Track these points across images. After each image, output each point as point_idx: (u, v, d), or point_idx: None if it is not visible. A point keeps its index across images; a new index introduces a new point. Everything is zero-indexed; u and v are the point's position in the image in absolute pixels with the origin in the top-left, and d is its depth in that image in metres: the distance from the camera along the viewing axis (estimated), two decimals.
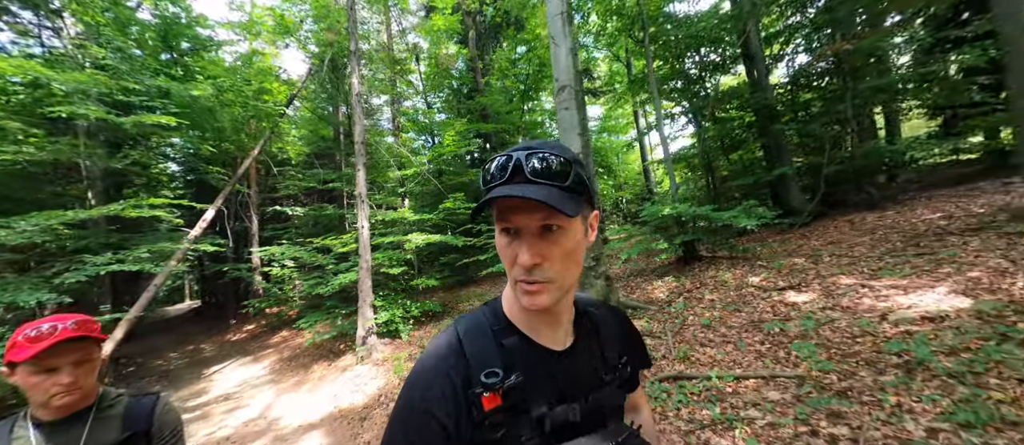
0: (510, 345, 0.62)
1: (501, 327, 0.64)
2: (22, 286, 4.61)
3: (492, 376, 0.57)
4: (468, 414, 0.57)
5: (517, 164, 0.57)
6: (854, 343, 2.65)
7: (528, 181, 0.57)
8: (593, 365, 0.69)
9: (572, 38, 4.59)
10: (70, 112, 6.20)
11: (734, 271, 4.88)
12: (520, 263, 0.56)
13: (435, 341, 0.65)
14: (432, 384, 0.58)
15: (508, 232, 0.58)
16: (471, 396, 0.57)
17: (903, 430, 1.84)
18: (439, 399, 0.56)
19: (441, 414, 0.56)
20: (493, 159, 0.60)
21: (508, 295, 0.67)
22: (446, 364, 0.60)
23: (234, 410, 5.82)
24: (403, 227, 7.38)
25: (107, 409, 1.08)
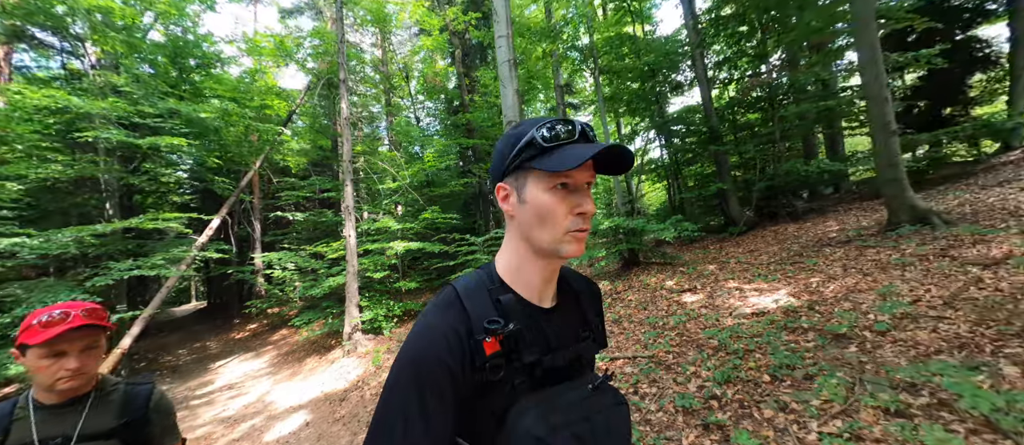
0: (506, 301, 0.67)
1: (496, 286, 0.71)
2: (59, 288, 5.53)
3: (494, 323, 0.63)
4: (471, 360, 0.62)
5: (582, 129, 0.67)
6: (699, 332, 3.49)
7: (593, 141, 0.68)
8: (573, 323, 0.77)
9: (518, 81, 5.45)
10: (95, 136, 7.13)
11: (659, 276, 5.72)
12: (587, 211, 0.66)
13: (434, 301, 0.70)
14: (437, 333, 0.62)
15: (564, 187, 0.65)
16: (473, 343, 0.62)
17: (687, 388, 2.68)
18: (444, 346, 0.61)
19: (448, 359, 0.60)
20: (545, 124, 0.66)
21: (505, 259, 0.74)
22: (449, 316, 0.65)
23: (236, 397, 6.70)
24: (387, 235, 8.27)
25: (105, 396, 1.13)
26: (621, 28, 11.02)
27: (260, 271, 13.01)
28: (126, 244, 8.48)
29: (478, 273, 0.74)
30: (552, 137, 0.65)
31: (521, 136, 0.67)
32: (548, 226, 0.65)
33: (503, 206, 0.71)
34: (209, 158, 11.02)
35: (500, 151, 0.71)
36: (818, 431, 1.92)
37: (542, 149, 0.64)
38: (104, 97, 8.07)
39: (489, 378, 0.62)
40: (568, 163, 0.60)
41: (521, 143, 0.66)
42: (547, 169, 0.63)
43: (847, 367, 2.32)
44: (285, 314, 12.33)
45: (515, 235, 0.72)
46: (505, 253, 0.74)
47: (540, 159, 0.64)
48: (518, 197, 0.68)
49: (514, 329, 0.64)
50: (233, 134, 10.08)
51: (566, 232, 0.65)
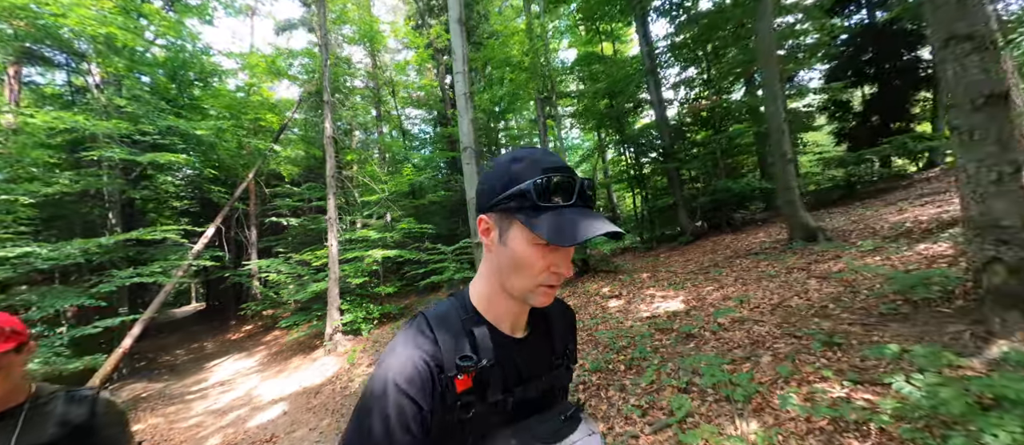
0: (479, 333, 0.67)
1: (469, 317, 0.69)
2: (69, 293, 6.25)
3: (467, 360, 0.62)
4: (441, 397, 0.61)
5: (581, 188, 0.63)
6: (605, 332, 4.21)
7: (588, 205, 0.65)
8: (546, 351, 0.77)
9: (473, 111, 6.19)
10: (100, 154, 7.87)
11: (600, 283, 6.43)
12: (563, 273, 0.65)
13: (406, 330, 0.68)
14: (407, 367, 0.60)
15: (547, 243, 0.61)
16: (444, 379, 0.61)
17: (576, 375, 3.40)
18: (415, 381, 0.59)
19: (417, 396, 0.59)
20: (542, 176, 0.62)
21: (478, 289, 0.73)
22: (420, 350, 0.63)
23: (226, 392, 7.41)
24: (367, 244, 9.00)
25: (40, 407, 1.08)
26: (594, 47, 11.79)
27: (255, 275, 13.74)
28: (127, 252, 9.20)
29: (450, 301, 0.73)
30: (547, 194, 0.61)
31: (516, 180, 0.63)
32: (522, 276, 0.64)
33: (482, 238, 0.70)
34: (205, 169, 11.76)
35: (490, 184, 0.67)
36: (634, 404, 2.63)
37: (534, 205, 0.61)
38: (108, 117, 8.81)
39: (460, 415, 0.61)
40: (557, 239, 0.58)
41: (513, 189, 0.63)
42: (534, 231, 0.60)
43: (677, 357, 3.04)
44: (278, 316, 13.06)
45: (490, 268, 0.70)
46: (479, 283, 0.73)
47: (530, 217, 0.61)
48: (499, 237, 0.66)
49: (486, 366, 0.64)
50: (227, 149, 10.81)
51: (538, 285, 0.64)
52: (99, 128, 8.09)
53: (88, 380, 6.71)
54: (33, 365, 5.93)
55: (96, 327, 6.06)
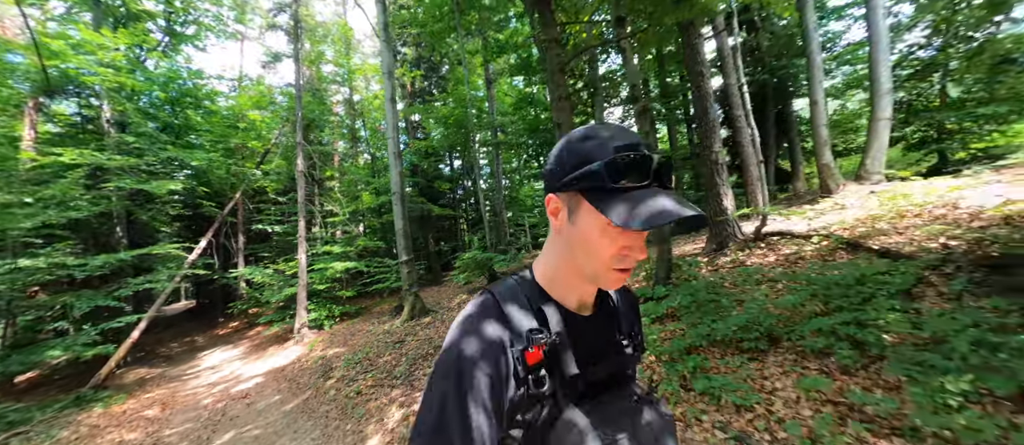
0: (547, 310, 0.66)
1: (535, 294, 0.69)
2: (97, 296, 8.34)
3: (537, 333, 0.62)
4: (514, 370, 0.60)
5: (659, 167, 0.60)
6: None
7: (665, 185, 0.61)
8: (613, 333, 0.76)
9: (401, 166, 8.40)
10: (115, 185, 9.93)
11: None
12: (638, 256, 0.62)
13: (472, 306, 0.68)
14: (479, 344, 0.60)
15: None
16: (515, 353, 0.61)
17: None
18: (489, 355, 0.59)
19: (491, 369, 0.58)
20: (618, 155, 0.58)
21: (545, 267, 0.72)
22: (490, 324, 0.63)
23: (215, 373, 9.53)
24: (330, 257, 11.18)
25: None
26: (523, 90, 14.09)
27: (242, 277, 15.79)
28: (133, 261, 11.24)
29: (516, 278, 0.73)
30: (620, 174, 0.57)
31: (587, 159, 0.60)
32: (592, 259, 0.63)
33: (550, 217, 0.67)
34: (198, 188, 13.82)
35: (559, 163, 0.64)
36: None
37: (605, 187, 0.58)
38: (119, 151, 10.84)
39: (533, 390, 0.60)
40: (628, 224, 0.54)
41: (583, 170, 0.59)
42: (605, 215, 0.57)
43: None
44: (261, 313, 15.12)
45: (558, 247, 0.69)
46: (545, 261, 0.72)
47: (601, 199, 0.58)
48: (569, 217, 0.64)
49: (556, 339, 0.63)
50: (218, 175, 12.91)
51: (610, 269, 0.63)
52: (113, 163, 10.16)
53: (103, 365, 8.74)
54: (58, 351, 8.01)
55: (119, 321, 8.17)
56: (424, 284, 13.59)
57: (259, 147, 14.92)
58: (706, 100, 5.43)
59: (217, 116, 14.51)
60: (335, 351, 8.00)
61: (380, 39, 8.46)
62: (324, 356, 7.95)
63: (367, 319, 10.30)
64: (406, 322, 7.92)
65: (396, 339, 7.15)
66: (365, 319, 10.42)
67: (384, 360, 6.14)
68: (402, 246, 8.18)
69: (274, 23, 18.16)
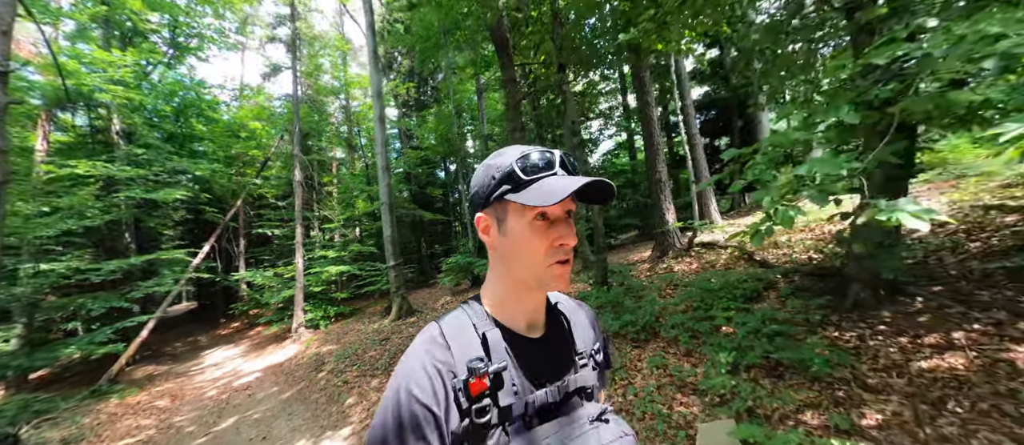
0: (491, 336, 0.66)
1: (482, 320, 0.69)
2: (111, 298, 9.11)
3: (478, 362, 0.60)
4: (456, 401, 0.60)
5: (561, 160, 0.66)
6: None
7: (572, 174, 0.66)
8: (566, 351, 0.75)
9: (389, 178, 9.16)
10: (126, 195, 10.71)
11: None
12: (569, 243, 0.64)
13: (418, 338, 0.68)
14: (419, 376, 0.60)
15: (543, 217, 0.64)
16: (457, 383, 0.60)
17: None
18: (426, 388, 0.59)
19: (429, 401, 0.59)
20: (522, 156, 0.65)
21: (490, 291, 0.73)
22: (431, 356, 0.63)
23: (218, 369, 10.29)
24: (325, 261, 11.95)
25: None
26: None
27: (243, 280, 16.56)
28: (142, 265, 12.02)
29: (462, 307, 0.73)
30: (530, 169, 0.63)
31: (499, 167, 0.65)
32: (529, 260, 0.65)
33: (483, 238, 0.70)
34: (201, 195, 14.61)
35: (479, 181, 0.69)
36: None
37: (520, 181, 0.63)
38: (128, 162, 11.61)
39: (476, 421, 0.59)
40: (546, 199, 0.58)
41: (499, 175, 0.65)
42: (525, 203, 0.61)
43: None
44: (262, 315, 15.89)
45: (498, 267, 0.71)
46: (490, 285, 0.73)
47: (518, 192, 0.63)
48: (498, 229, 0.67)
49: (499, 367, 0.62)
50: (220, 184, 13.70)
51: (548, 266, 0.65)
52: (124, 174, 10.94)
53: (112, 363, 9.49)
54: (74, 349, 8.77)
55: (131, 321, 8.95)
56: (415, 286, 14.37)
57: (259, 155, 15.70)
58: (651, 125, 6.19)
59: (219, 126, 15.33)
60: (328, 348, 8.76)
61: (369, 64, 9.22)
62: (318, 353, 8.72)
63: (360, 319, 11.06)
64: (393, 322, 8.68)
65: (383, 337, 7.91)
66: (358, 319, 11.18)
67: (370, 355, 6.90)
68: (390, 252, 8.95)
69: (274, 36, 18.95)
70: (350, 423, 4.44)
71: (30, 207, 8.73)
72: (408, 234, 16.39)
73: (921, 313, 2.52)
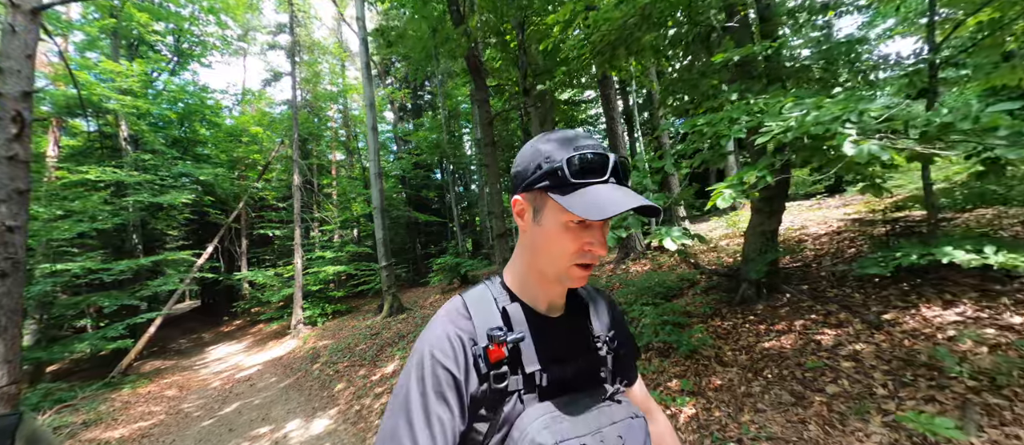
0: (512, 310, 0.69)
1: (503, 296, 0.72)
2: (122, 296, 9.77)
3: (498, 330, 0.64)
4: (475, 367, 0.63)
5: (615, 166, 0.64)
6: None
7: (621, 182, 0.65)
8: (583, 333, 0.78)
9: (381, 183, 9.78)
10: (134, 201, 11.36)
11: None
12: (599, 252, 0.65)
13: (442, 309, 0.71)
14: (442, 342, 0.64)
15: (581, 222, 0.63)
16: (477, 350, 0.64)
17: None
18: (448, 352, 0.63)
19: (450, 364, 0.62)
20: (575, 153, 0.63)
21: (513, 271, 0.75)
22: (454, 324, 0.66)
23: (222, 362, 10.95)
24: (322, 262, 12.60)
25: None
26: None
27: (245, 279, 17.23)
28: (150, 265, 12.68)
29: (486, 282, 0.76)
30: (580, 171, 0.62)
31: (548, 158, 0.65)
32: (555, 257, 0.66)
33: (517, 219, 0.71)
34: (205, 198, 15.27)
35: (523, 165, 0.69)
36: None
37: (567, 183, 0.62)
38: (136, 167, 12.27)
39: (494, 386, 0.62)
40: (591, 213, 0.58)
41: (546, 167, 0.64)
42: (569, 210, 0.60)
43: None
44: (263, 311, 16.55)
45: (525, 249, 0.73)
46: (514, 264, 0.76)
47: (563, 194, 0.62)
48: (533, 217, 0.68)
49: (518, 337, 0.65)
50: (223, 187, 14.36)
51: (571, 265, 0.66)
52: (132, 179, 11.60)
53: (120, 358, 10.15)
54: (86, 345, 9.42)
55: (140, 317, 9.60)
56: (410, 285, 15.01)
57: (260, 159, 16.36)
58: (616, 139, 6.80)
59: (222, 131, 15.98)
60: (324, 343, 9.41)
61: (363, 76, 9.84)
62: (314, 347, 9.36)
63: (355, 316, 11.70)
64: (384, 318, 9.32)
65: (374, 332, 8.55)
66: (353, 316, 11.82)
67: (360, 348, 7.54)
68: (381, 253, 9.59)
69: (275, 43, 19.60)
70: (338, 405, 5.08)
71: (46, 212, 9.38)
72: (404, 235, 17.02)
73: (784, 306, 3.12)
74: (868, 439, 1.69)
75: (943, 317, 2.35)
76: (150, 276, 12.11)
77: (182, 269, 12.83)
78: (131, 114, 12.59)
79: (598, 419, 0.65)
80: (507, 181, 16.09)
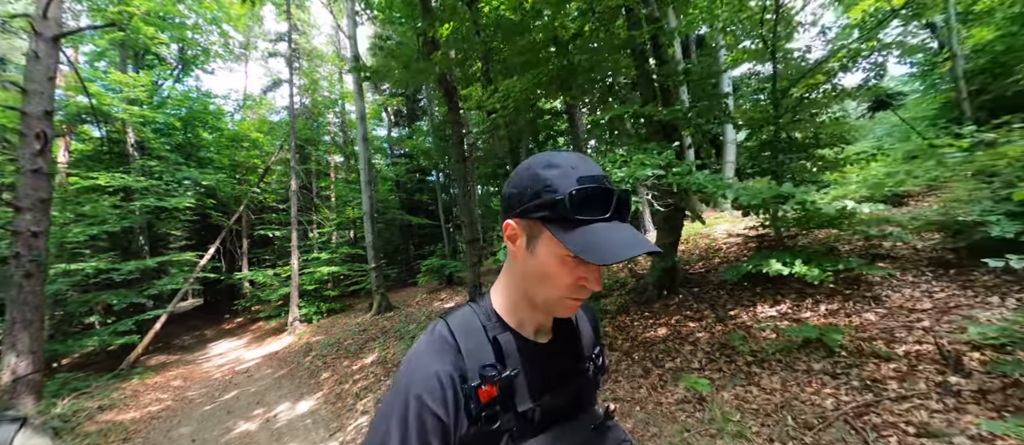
0: (504, 340, 0.66)
1: (492, 323, 0.68)
2: (130, 294, 10.55)
3: (491, 369, 0.61)
4: (466, 407, 0.59)
5: (618, 203, 0.61)
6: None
7: (624, 219, 0.63)
8: (571, 357, 0.76)
9: (371, 189, 10.53)
10: (141, 205, 12.14)
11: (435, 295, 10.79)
12: (593, 288, 0.63)
13: (428, 337, 0.67)
14: (429, 379, 0.59)
15: (576, 257, 0.59)
16: (467, 389, 0.60)
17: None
18: (436, 394, 0.58)
19: (438, 408, 0.58)
20: (577, 186, 0.59)
21: (501, 294, 0.72)
22: (442, 359, 0.62)
23: (222, 359, 11.72)
24: (318, 263, 13.37)
25: None
26: None
27: (245, 279, 18.00)
28: (155, 265, 13.46)
29: (472, 307, 0.73)
30: (582, 206, 0.59)
31: (548, 187, 0.61)
32: (547, 287, 0.64)
33: (507, 243, 0.68)
34: (207, 201, 16.06)
35: (520, 188, 0.65)
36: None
37: (568, 218, 0.59)
38: (142, 173, 13.06)
39: (484, 428, 0.60)
40: (592, 256, 0.56)
41: (545, 198, 0.60)
42: (567, 246, 0.58)
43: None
44: (262, 310, 17.33)
45: (514, 275, 0.70)
46: (501, 287, 0.73)
47: (563, 229, 0.59)
48: (526, 244, 0.65)
49: (511, 375, 0.62)
50: (224, 191, 15.16)
51: (564, 298, 0.64)
52: (139, 184, 12.38)
53: (127, 354, 10.90)
54: (95, 340, 10.19)
55: (147, 314, 10.38)
56: (401, 286, 15.77)
57: (260, 164, 17.15)
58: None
59: (224, 137, 16.78)
60: (317, 338, 10.17)
61: (354, 90, 10.59)
62: (308, 342, 10.12)
63: (347, 314, 12.46)
64: (373, 316, 10.07)
65: (363, 328, 9.31)
66: (346, 314, 12.58)
67: (347, 343, 8.30)
68: (371, 255, 10.34)
69: (275, 51, 20.38)
70: (322, 390, 5.83)
71: (61, 216, 10.16)
72: (397, 237, 17.79)
73: (674, 305, 3.83)
74: (672, 395, 2.41)
75: (767, 312, 3.07)
76: (156, 275, 12.88)
77: (185, 269, 13.62)
78: (138, 122, 13.38)
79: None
80: (486, 194, 16.78)
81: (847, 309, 2.77)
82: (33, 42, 7.27)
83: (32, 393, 6.76)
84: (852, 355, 2.39)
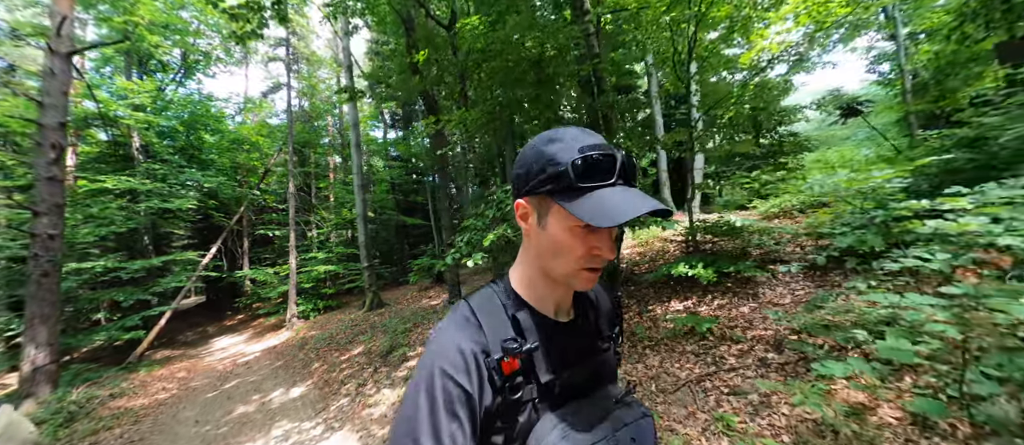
0: (522, 318, 0.68)
1: (511, 301, 0.71)
2: (137, 291, 11.19)
3: (512, 342, 0.63)
4: (489, 380, 0.62)
5: (622, 165, 0.62)
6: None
7: (630, 182, 0.64)
8: (591, 335, 0.77)
9: (365, 192, 11.12)
10: (146, 206, 12.77)
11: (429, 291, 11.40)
12: (605, 256, 0.65)
13: (449, 318, 0.70)
14: (452, 353, 0.62)
15: (587, 226, 0.61)
16: (490, 363, 0.62)
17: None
18: (459, 366, 0.61)
19: (463, 379, 0.60)
20: (582, 154, 0.61)
21: (520, 274, 0.74)
22: (464, 335, 0.65)
23: (224, 353, 12.36)
24: (315, 262, 14.00)
25: None
26: None
27: (246, 277, 18.65)
28: (160, 264, 14.10)
29: (491, 288, 0.75)
30: (587, 174, 0.60)
31: (553, 161, 0.63)
32: (562, 260, 0.65)
33: (520, 222, 0.70)
34: (209, 202, 16.70)
35: (526, 167, 0.67)
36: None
37: (574, 187, 0.61)
38: (147, 176, 13.69)
39: (509, 398, 0.62)
40: (600, 220, 0.57)
41: (550, 171, 0.62)
42: (577, 216, 0.59)
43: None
44: (262, 307, 17.98)
45: (530, 253, 0.72)
46: (520, 267, 0.74)
47: (569, 198, 0.61)
48: (537, 221, 0.67)
49: (532, 347, 0.64)
50: (225, 193, 15.80)
51: (579, 270, 0.65)
52: (144, 187, 13.02)
53: (132, 349, 11.52)
54: (103, 335, 10.83)
55: (152, 310, 11.01)
56: (395, 284, 16.38)
57: (260, 166, 17.78)
58: None
59: (225, 140, 17.41)
60: (312, 333, 10.79)
61: (348, 102, 11.18)
62: (305, 337, 10.74)
63: (343, 311, 13.09)
64: (365, 313, 10.69)
65: (354, 324, 9.93)
66: (341, 311, 13.21)
67: (339, 337, 8.92)
68: (363, 255, 10.95)
69: (274, 56, 20.98)
70: (312, 378, 6.45)
71: (71, 218, 10.78)
72: (393, 237, 18.39)
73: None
74: None
75: (676, 307, 3.65)
76: (160, 274, 13.51)
77: (188, 268, 14.27)
78: (142, 127, 14.00)
79: (612, 423, 0.66)
80: (477, 196, 17.34)
81: (732, 304, 3.36)
82: (49, 59, 7.90)
83: (49, 382, 7.41)
84: (716, 339, 3.01)
